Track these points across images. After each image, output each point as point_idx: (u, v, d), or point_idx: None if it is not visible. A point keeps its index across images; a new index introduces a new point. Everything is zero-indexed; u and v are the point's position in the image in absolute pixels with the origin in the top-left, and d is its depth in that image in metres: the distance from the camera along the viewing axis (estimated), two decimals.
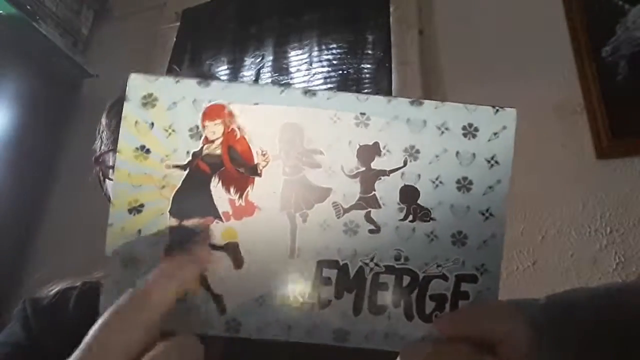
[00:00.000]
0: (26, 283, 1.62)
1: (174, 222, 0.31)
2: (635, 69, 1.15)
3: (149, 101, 0.32)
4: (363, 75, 1.47)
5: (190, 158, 0.32)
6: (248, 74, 1.63)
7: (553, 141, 1.19)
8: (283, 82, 1.57)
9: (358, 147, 0.32)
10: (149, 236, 0.31)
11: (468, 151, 0.32)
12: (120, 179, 0.32)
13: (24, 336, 0.54)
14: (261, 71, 1.62)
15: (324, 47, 1.57)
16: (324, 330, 0.31)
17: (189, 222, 0.31)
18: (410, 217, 0.32)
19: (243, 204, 0.32)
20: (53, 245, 1.68)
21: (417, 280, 0.32)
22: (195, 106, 0.32)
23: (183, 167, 0.32)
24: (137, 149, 0.32)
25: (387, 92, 1.39)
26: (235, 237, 0.32)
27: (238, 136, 0.32)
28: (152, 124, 0.32)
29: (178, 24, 1.84)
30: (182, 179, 0.32)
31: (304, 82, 1.54)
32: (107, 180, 0.58)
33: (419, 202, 0.32)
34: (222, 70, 1.70)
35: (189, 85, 0.32)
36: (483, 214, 0.32)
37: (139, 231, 0.31)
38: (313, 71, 1.55)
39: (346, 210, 0.32)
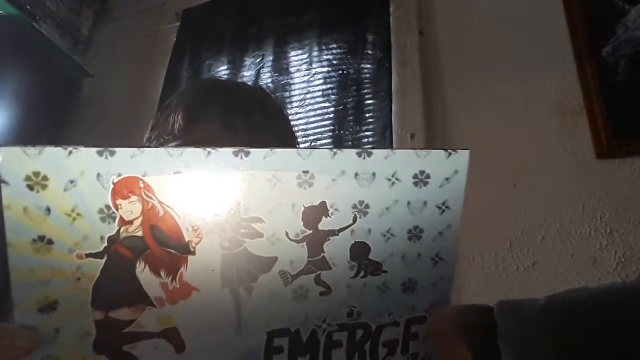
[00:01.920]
0: None
1: (98, 315, 0.27)
2: (635, 69, 1.15)
3: (36, 182, 0.25)
4: (363, 75, 1.47)
5: (105, 244, 0.27)
6: (248, 74, 1.63)
7: (553, 141, 1.19)
8: (283, 82, 1.57)
9: (303, 209, 0.29)
10: (71, 334, 0.27)
11: (419, 200, 0.30)
12: (20, 278, 0.26)
13: None
14: (261, 71, 1.62)
15: (324, 47, 1.57)
16: None
17: (116, 314, 0.28)
18: (362, 274, 0.30)
19: (177, 286, 0.28)
20: None
21: (370, 332, 0.31)
22: (101, 182, 0.26)
23: (99, 255, 0.27)
24: (34, 240, 0.26)
25: (387, 92, 1.39)
26: (172, 323, 0.29)
27: (161, 213, 0.27)
28: (48, 209, 0.26)
29: (178, 24, 1.84)
30: (101, 268, 0.27)
31: (304, 82, 1.54)
32: None
33: (370, 257, 0.30)
34: (222, 70, 1.70)
35: (87, 156, 0.26)
36: (433, 259, 0.31)
37: (57, 330, 0.27)
38: (313, 71, 1.55)
39: (294, 277, 0.29)
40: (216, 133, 0.52)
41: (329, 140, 1.41)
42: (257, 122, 0.55)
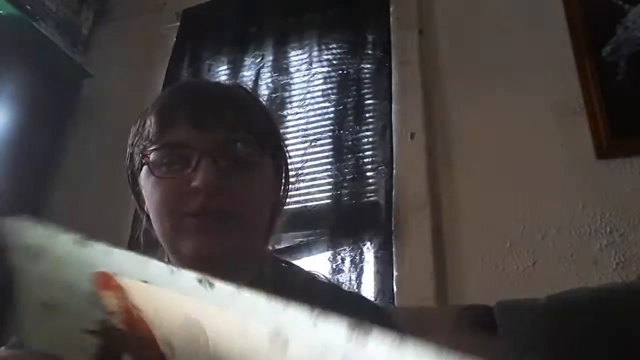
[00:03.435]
0: None
1: None
2: (635, 69, 1.15)
3: (37, 252, 0.28)
4: (363, 75, 1.47)
5: (98, 327, 0.27)
6: (248, 74, 1.63)
7: (553, 141, 1.19)
8: (283, 82, 1.56)
9: None
10: None
11: None
12: (33, 339, 0.28)
13: None
14: (261, 71, 1.62)
15: (324, 47, 1.57)
16: None
17: None
18: None
19: None
20: None
21: None
22: (81, 269, 0.27)
23: (95, 335, 0.27)
24: (43, 305, 0.28)
25: (387, 92, 1.39)
26: None
27: (139, 317, 0.26)
28: (49, 279, 0.28)
29: (178, 24, 1.84)
30: (97, 349, 0.28)
31: (304, 82, 1.54)
32: (142, 173, 0.55)
33: None
34: (222, 70, 1.70)
35: (65, 242, 0.27)
36: None
37: None
38: (313, 71, 1.55)
39: None
40: (189, 134, 0.52)
41: (329, 140, 1.41)
42: (230, 120, 0.54)
